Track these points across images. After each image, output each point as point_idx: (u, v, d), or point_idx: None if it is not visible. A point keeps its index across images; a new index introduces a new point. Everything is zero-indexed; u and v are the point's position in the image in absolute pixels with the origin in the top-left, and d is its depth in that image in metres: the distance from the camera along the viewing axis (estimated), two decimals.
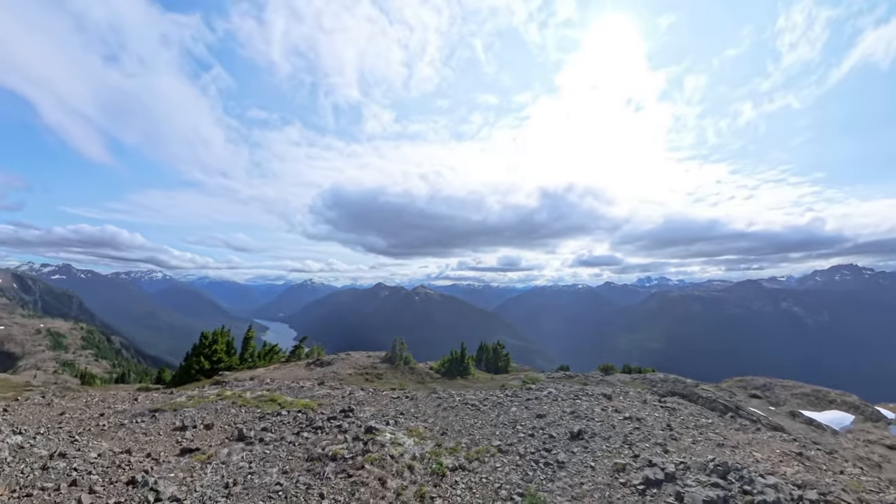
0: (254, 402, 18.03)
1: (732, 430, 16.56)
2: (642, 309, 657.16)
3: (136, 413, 16.90)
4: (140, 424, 15.35)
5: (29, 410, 18.00)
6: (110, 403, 19.91)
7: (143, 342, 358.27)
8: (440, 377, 35.43)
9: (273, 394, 20.14)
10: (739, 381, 38.94)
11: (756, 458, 12.66)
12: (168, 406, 17.64)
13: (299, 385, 24.49)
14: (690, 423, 17.17)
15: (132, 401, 20.74)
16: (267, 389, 22.29)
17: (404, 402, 19.71)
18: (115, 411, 17.75)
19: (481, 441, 14.01)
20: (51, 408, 18.67)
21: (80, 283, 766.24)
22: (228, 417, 16.17)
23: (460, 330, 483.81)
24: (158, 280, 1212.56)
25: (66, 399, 21.43)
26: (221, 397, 19.26)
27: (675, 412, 19.14)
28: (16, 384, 36.43)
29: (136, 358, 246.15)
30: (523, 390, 23.97)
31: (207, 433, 14.38)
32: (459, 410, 18.18)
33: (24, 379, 45.41)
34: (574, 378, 35.47)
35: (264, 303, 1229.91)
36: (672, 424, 16.36)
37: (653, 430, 15.45)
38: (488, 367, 44.96)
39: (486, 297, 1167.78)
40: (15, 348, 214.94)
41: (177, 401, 18.92)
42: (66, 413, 17.42)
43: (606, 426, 15.71)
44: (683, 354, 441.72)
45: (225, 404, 17.93)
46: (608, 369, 44.97)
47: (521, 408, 18.69)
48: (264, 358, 42.72)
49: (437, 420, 16.50)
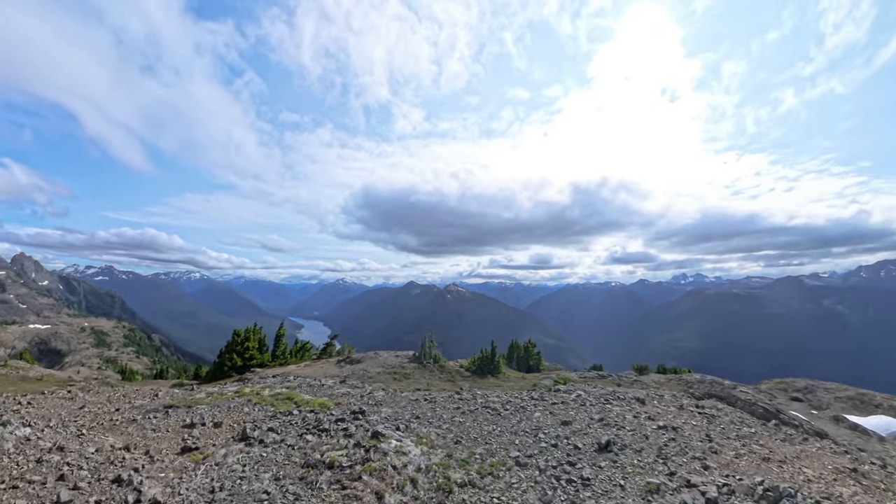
0: (270, 400, 17.49)
1: (778, 441, 15.06)
2: (678, 307, 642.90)
3: (151, 409, 16.55)
4: (151, 420, 14.95)
5: (52, 404, 18.12)
6: (131, 399, 19.71)
7: (183, 340, 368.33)
8: (470, 376, 34.76)
9: (292, 392, 19.50)
10: (779, 382, 37.22)
11: (807, 475, 11.43)
12: (183, 403, 17.22)
13: (319, 383, 23.78)
14: (731, 432, 15.50)
15: (153, 397, 20.38)
16: (287, 387, 21.63)
17: (423, 405, 18.46)
18: (133, 406, 17.44)
19: (498, 451, 12.58)
20: (73, 402, 18.73)
21: (122, 283, 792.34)
22: (240, 415, 15.52)
23: (492, 328, 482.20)
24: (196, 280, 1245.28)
25: (91, 394, 21.49)
26: (240, 394, 18.69)
27: (715, 420, 17.34)
28: (59, 379, 37.22)
29: (175, 355, 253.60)
30: (550, 393, 22.08)
31: (215, 431, 13.78)
32: (478, 415, 16.74)
33: (68, 374, 46.52)
34: (607, 378, 34.34)
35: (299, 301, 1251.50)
36: (711, 434, 14.73)
37: (690, 441, 13.84)
38: (519, 366, 44.11)
39: (517, 295, 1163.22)
40: (62, 346, 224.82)
41: (196, 397, 18.49)
42: (86, 407, 17.29)
43: (639, 436, 14.03)
44: (720, 355, 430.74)
45: (240, 402, 17.36)
46: (642, 369, 43.64)
47: (545, 413, 16.97)
48: (296, 355, 42.84)
49: (452, 426, 15.11)
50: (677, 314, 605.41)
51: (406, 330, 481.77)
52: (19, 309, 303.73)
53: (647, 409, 18.05)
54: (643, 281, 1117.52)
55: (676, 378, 36.98)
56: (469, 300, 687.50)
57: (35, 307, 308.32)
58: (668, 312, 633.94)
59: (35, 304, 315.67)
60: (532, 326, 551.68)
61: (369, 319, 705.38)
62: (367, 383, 24.93)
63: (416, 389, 24.47)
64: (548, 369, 45.32)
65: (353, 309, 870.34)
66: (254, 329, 41.11)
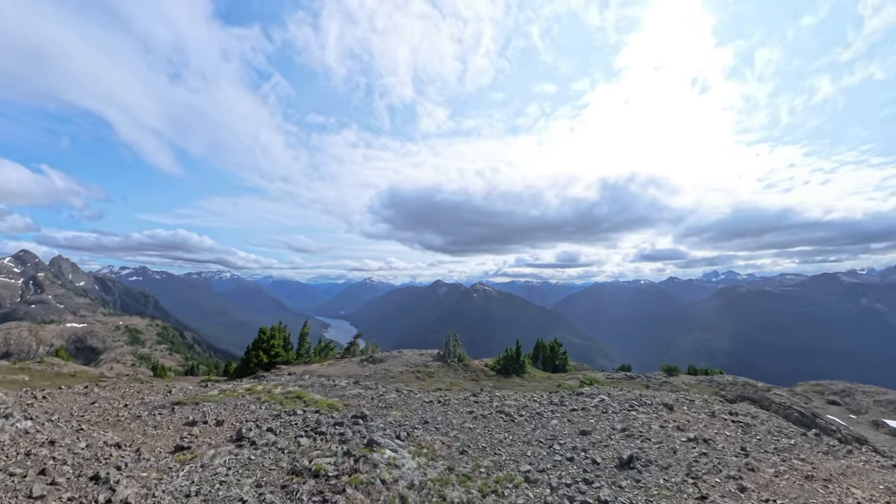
0: (279, 399, 17.25)
1: (820, 455, 13.65)
2: (708, 306, 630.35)
3: (158, 406, 16.42)
4: (155, 417, 14.76)
5: (65, 398, 18.30)
6: (145, 395, 19.77)
7: (214, 337, 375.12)
8: (495, 375, 34.29)
9: (304, 391, 19.17)
10: (815, 385, 35.78)
11: (856, 497, 10.20)
12: (191, 400, 17.04)
13: (333, 383, 23.28)
14: (769, 444, 14.07)
15: (166, 393, 20.40)
16: (300, 386, 21.35)
17: (435, 408, 17.62)
18: (142, 403, 17.41)
19: (507, 464, 11.33)
20: (87, 397, 18.86)
21: (155, 283, 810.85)
22: (244, 414, 15.08)
23: (519, 327, 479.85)
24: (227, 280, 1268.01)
25: (107, 389, 21.60)
26: (251, 392, 18.48)
27: (750, 429, 15.84)
28: (92, 376, 37.90)
29: (207, 352, 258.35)
30: (571, 397, 20.75)
31: (215, 430, 13.38)
32: (491, 421, 15.74)
33: (100, 371, 47.38)
34: (635, 380, 33.43)
35: (326, 301, 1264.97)
36: (747, 447, 13.25)
37: (724, 455, 12.38)
38: (545, 366, 43.44)
39: (544, 294, 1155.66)
40: (97, 343, 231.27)
41: (209, 394, 18.35)
42: (98, 402, 17.35)
43: (666, 450, 12.58)
44: (753, 355, 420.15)
45: (249, 400, 17.09)
46: (672, 370, 42.52)
47: (563, 421, 15.78)
48: (320, 354, 43.07)
49: (461, 433, 14.13)
50: (708, 313, 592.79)
51: (432, 329, 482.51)
52: (57, 308, 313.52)
53: (675, 417, 16.64)
54: (673, 279, 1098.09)
55: (707, 379, 35.83)
56: (495, 299, 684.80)
57: (72, 307, 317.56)
58: (699, 311, 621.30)
59: (72, 304, 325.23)
60: (559, 325, 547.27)
61: (396, 318, 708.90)
62: (381, 384, 24.21)
63: (436, 389, 23.94)
64: (574, 369, 44.49)
65: (380, 308, 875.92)
66: (279, 327, 41.48)
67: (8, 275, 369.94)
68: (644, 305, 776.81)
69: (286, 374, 27.99)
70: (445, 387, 25.72)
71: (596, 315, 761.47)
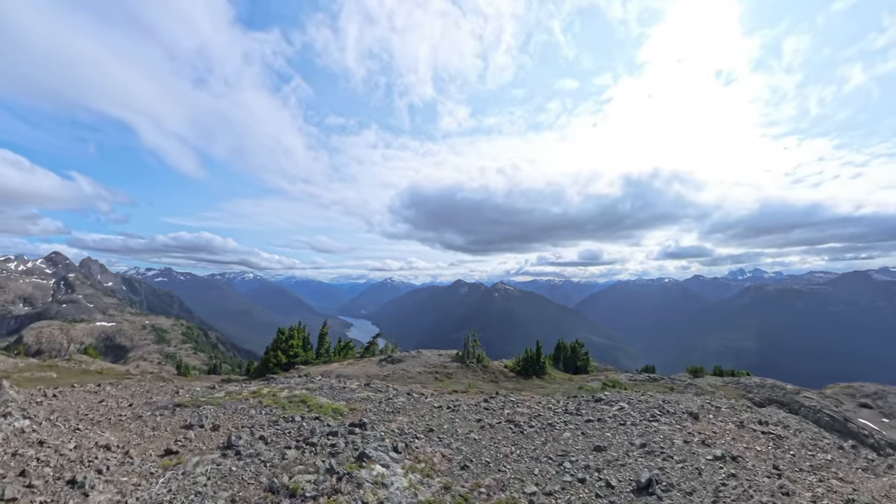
0: (283, 403, 16.68)
1: (859, 472, 12.43)
2: (735, 304, 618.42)
3: (160, 406, 16.22)
4: (155, 418, 14.60)
5: (75, 397, 18.35)
6: (153, 394, 19.76)
7: (238, 337, 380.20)
8: (515, 376, 33.91)
9: (310, 394, 18.65)
10: (846, 387, 34.57)
11: None
12: (192, 402, 16.70)
13: (342, 385, 22.56)
14: (804, 461, 12.63)
15: (173, 393, 20.28)
16: (307, 388, 20.79)
17: (443, 414, 16.57)
18: (147, 403, 17.34)
19: (510, 483, 10.16)
20: (97, 395, 18.93)
21: (180, 284, 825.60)
22: (241, 419, 14.59)
23: (541, 327, 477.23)
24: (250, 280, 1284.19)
25: (118, 388, 21.73)
26: (257, 395, 18.05)
27: (782, 442, 14.28)
28: (118, 373, 38.59)
29: (230, 351, 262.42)
30: (588, 404, 18.82)
31: (210, 434, 13.01)
32: (499, 431, 14.57)
33: (126, 368, 48.26)
34: (659, 382, 32.69)
35: (348, 301, 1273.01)
36: (780, 465, 11.85)
37: (755, 476, 10.91)
38: (566, 367, 42.87)
39: (566, 292, 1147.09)
40: (125, 342, 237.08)
41: (213, 396, 18.02)
42: (105, 401, 17.36)
43: (689, 471, 11.03)
44: (781, 356, 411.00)
45: (251, 404, 16.58)
46: (697, 371, 41.63)
47: (576, 434, 14.27)
48: (339, 353, 43.11)
49: (465, 444, 13.03)
50: (734, 312, 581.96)
51: (454, 328, 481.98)
52: (87, 308, 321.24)
53: (700, 428, 15.00)
54: (698, 277, 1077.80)
55: (734, 381, 34.94)
56: (517, 298, 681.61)
57: (101, 306, 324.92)
58: (725, 310, 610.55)
59: (101, 304, 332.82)
60: (581, 325, 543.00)
61: (417, 318, 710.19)
62: (395, 386, 23.42)
63: (451, 392, 23.37)
64: (597, 370, 43.84)
65: (401, 308, 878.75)
66: (298, 327, 41.61)
67: (40, 276, 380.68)
68: (668, 304, 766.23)
69: (297, 375, 27.65)
70: (462, 389, 25.26)
71: (619, 314, 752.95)
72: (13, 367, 33.18)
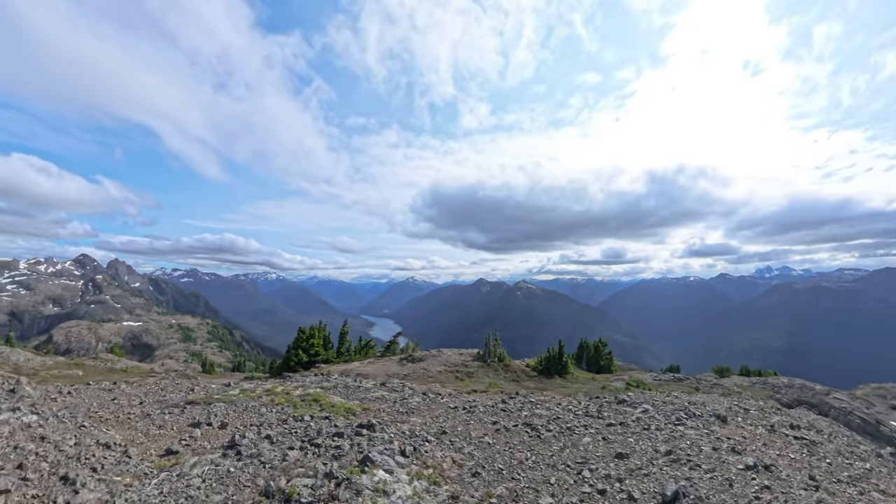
0: (295, 402, 16.33)
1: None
2: (762, 303, 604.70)
3: (171, 404, 16.07)
4: (164, 416, 14.44)
5: (89, 394, 18.35)
6: (167, 392, 19.61)
7: (262, 336, 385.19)
8: (536, 376, 33.48)
9: (324, 393, 18.28)
10: (877, 388, 33.48)
11: None
12: (205, 399, 16.58)
13: (357, 384, 22.10)
14: (841, 470, 11.46)
15: (188, 391, 20.08)
16: (322, 388, 20.44)
17: (458, 416, 15.91)
18: (159, 400, 17.22)
19: (524, 494, 9.29)
20: (111, 393, 18.91)
21: (205, 284, 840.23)
22: (251, 417, 14.27)
23: (564, 326, 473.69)
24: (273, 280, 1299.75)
25: (134, 386, 21.76)
26: (270, 393, 17.82)
27: (816, 449, 13.02)
28: (143, 371, 39.12)
29: (255, 350, 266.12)
30: (611, 406, 17.73)
31: (216, 433, 12.79)
32: (514, 435, 13.70)
33: (151, 366, 48.95)
34: (684, 382, 31.93)
35: (370, 300, 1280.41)
36: (816, 475, 10.69)
37: (790, 488, 9.74)
38: (589, 366, 42.27)
39: (589, 291, 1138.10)
40: (152, 340, 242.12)
41: (228, 394, 17.84)
42: (117, 399, 17.27)
43: (719, 482, 9.91)
44: (810, 356, 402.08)
45: (263, 402, 16.30)
46: (723, 371, 40.68)
47: (596, 439, 13.26)
48: (360, 352, 43.17)
49: (478, 448, 12.28)
50: (761, 311, 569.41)
51: (476, 327, 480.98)
52: (114, 308, 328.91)
53: (729, 433, 13.74)
54: (724, 275, 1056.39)
55: (761, 382, 34.05)
56: (539, 297, 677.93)
57: (128, 306, 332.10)
58: (751, 309, 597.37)
59: (128, 304, 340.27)
60: (605, 324, 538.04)
61: (439, 317, 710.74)
62: (411, 386, 22.86)
63: (470, 391, 22.92)
64: (620, 370, 43.15)
65: (423, 307, 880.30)
66: (318, 327, 41.75)
67: (69, 277, 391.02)
68: (693, 303, 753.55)
69: (314, 374, 27.47)
70: (482, 388, 24.81)
71: (643, 313, 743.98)
72: (42, 364, 33.74)
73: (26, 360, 33.60)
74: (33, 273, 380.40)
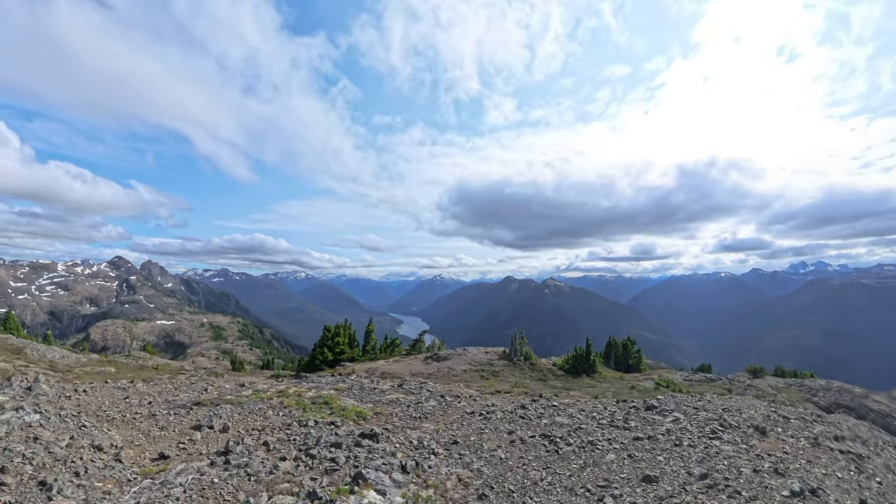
0: (303, 405, 15.77)
1: None
2: (796, 300, 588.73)
3: (179, 405, 15.85)
4: (168, 417, 14.25)
5: (103, 393, 18.38)
6: (181, 391, 19.60)
7: (291, 334, 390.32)
8: (563, 375, 32.91)
9: (337, 395, 17.68)
10: None
11: None
12: (213, 401, 16.28)
13: (373, 386, 21.39)
14: (892, 490, 10.42)
15: (201, 390, 19.98)
16: (336, 389, 19.86)
17: (473, 423, 14.92)
18: (167, 401, 17.07)
19: None
20: (124, 391, 18.95)
21: (236, 284, 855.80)
22: (255, 421, 13.75)
23: (592, 324, 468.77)
24: (302, 279, 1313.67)
25: (151, 384, 21.78)
26: (282, 394, 17.40)
27: (864, 464, 11.57)
28: (173, 368, 39.82)
29: (284, 347, 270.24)
30: (638, 415, 15.98)
31: (217, 436, 12.45)
32: (531, 449, 12.36)
33: (181, 364, 49.99)
34: (716, 382, 31.00)
35: (398, 298, 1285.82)
36: (867, 498, 9.45)
37: None
38: (618, 365, 41.47)
39: (618, 288, 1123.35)
40: (184, 339, 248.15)
41: (242, 394, 17.61)
42: (130, 398, 17.25)
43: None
44: (846, 355, 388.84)
45: (272, 404, 15.80)
46: (756, 372, 39.44)
47: (621, 456, 11.68)
48: (385, 350, 43.24)
49: (489, 464, 11.06)
50: (795, 308, 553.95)
51: (503, 325, 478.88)
52: (148, 308, 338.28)
53: (769, 447, 12.01)
54: (756, 270, 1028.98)
55: (797, 383, 32.93)
56: (567, 294, 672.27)
57: (161, 306, 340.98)
58: (785, 306, 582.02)
59: (161, 304, 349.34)
60: (634, 321, 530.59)
61: (466, 315, 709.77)
62: (429, 386, 22.05)
63: (494, 391, 22.30)
64: (649, 368, 42.23)
65: (451, 304, 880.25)
66: (344, 325, 41.91)
67: (105, 279, 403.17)
68: (724, 300, 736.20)
69: (331, 374, 26.98)
70: (506, 389, 24.24)
71: (672, 310, 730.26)
72: (76, 362, 34.46)
73: (61, 358, 34.35)
74: (71, 275, 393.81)
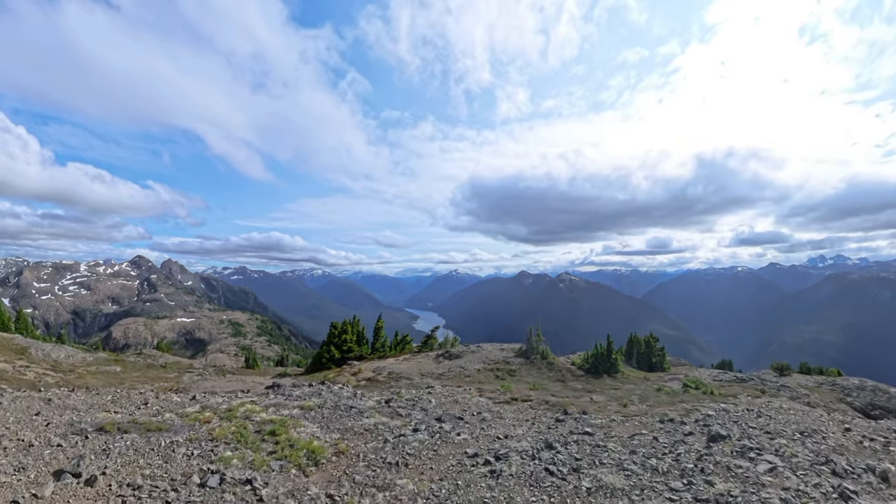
0: (239, 436, 11.88)
1: None
2: (815, 295, 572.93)
3: (77, 430, 11.96)
4: (42, 451, 10.13)
5: (21, 405, 15.71)
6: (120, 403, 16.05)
7: (310, 330, 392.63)
8: (583, 375, 31.05)
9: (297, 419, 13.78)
10: None
11: None
12: (118, 425, 12.19)
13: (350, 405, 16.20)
14: None
15: (141, 403, 16.29)
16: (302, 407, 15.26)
17: (474, 479, 9.68)
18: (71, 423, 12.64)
19: None
20: (48, 403, 16.04)
21: (254, 281, 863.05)
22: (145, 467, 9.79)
23: (608, 318, 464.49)
24: (319, 276, 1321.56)
25: (91, 393, 20.16)
26: (227, 415, 13.74)
27: None
28: (183, 366, 39.40)
29: (302, 343, 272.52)
30: (712, 457, 10.76)
31: (76, 491, 8.57)
32: None
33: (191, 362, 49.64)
34: (747, 383, 29.11)
35: (414, 293, 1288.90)
36: None
37: None
38: (640, 364, 39.67)
39: (634, 282, 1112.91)
40: (204, 336, 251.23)
41: (187, 410, 14.56)
42: (41, 413, 13.66)
43: None
44: (868, 351, 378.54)
45: (194, 435, 11.87)
46: (783, 369, 37.40)
47: None
48: (395, 348, 41.96)
49: None
50: (814, 303, 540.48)
51: (519, 319, 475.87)
52: (168, 305, 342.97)
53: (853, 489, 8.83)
54: (774, 265, 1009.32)
55: (828, 382, 31.10)
56: (583, 289, 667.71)
57: (181, 303, 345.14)
58: (804, 301, 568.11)
59: (181, 301, 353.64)
60: (650, 316, 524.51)
61: (482, 310, 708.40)
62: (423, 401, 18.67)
63: (510, 399, 20.05)
64: (672, 367, 40.44)
65: (466, 300, 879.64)
66: (352, 322, 40.85)
67: (126, 278, 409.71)
68: (742, 294, 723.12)
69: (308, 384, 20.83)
70: (524, 395, 21.82)
71: (689, 305, 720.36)
72: (81, 361, 33.69)
73: (67, 357, 33.58)
74: (93, 274, 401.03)
